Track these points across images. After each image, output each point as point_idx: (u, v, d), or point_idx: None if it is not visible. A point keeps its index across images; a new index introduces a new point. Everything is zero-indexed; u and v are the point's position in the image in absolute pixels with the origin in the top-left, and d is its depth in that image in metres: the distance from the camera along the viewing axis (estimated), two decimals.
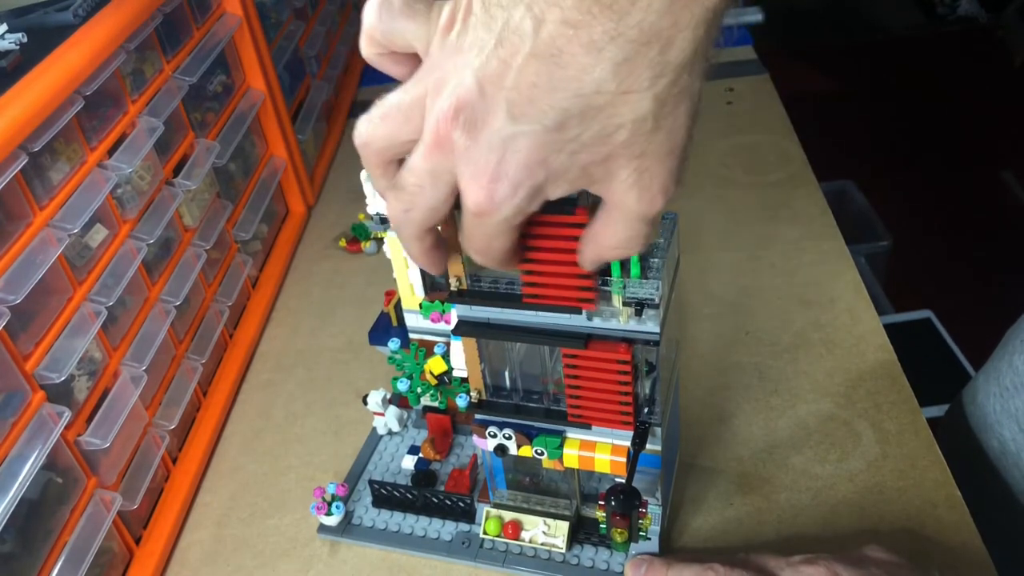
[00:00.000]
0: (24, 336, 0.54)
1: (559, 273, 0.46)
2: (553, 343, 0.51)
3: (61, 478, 0.56)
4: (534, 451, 0.55)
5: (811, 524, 0.61)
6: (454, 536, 0.62)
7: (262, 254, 0.93)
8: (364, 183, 0.62)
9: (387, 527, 0.64)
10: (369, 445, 0.71)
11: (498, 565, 0.60)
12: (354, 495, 0.66)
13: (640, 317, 0.48)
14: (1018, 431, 0.69)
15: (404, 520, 0.64)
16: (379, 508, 0.65)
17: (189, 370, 0.74)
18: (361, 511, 0.65)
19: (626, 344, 0.49)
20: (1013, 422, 0.70)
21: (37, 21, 0.64)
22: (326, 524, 0.64)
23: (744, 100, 1.14)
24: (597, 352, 0.50)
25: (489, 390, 0.56)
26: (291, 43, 1.03)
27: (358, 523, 0.64)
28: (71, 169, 0.61)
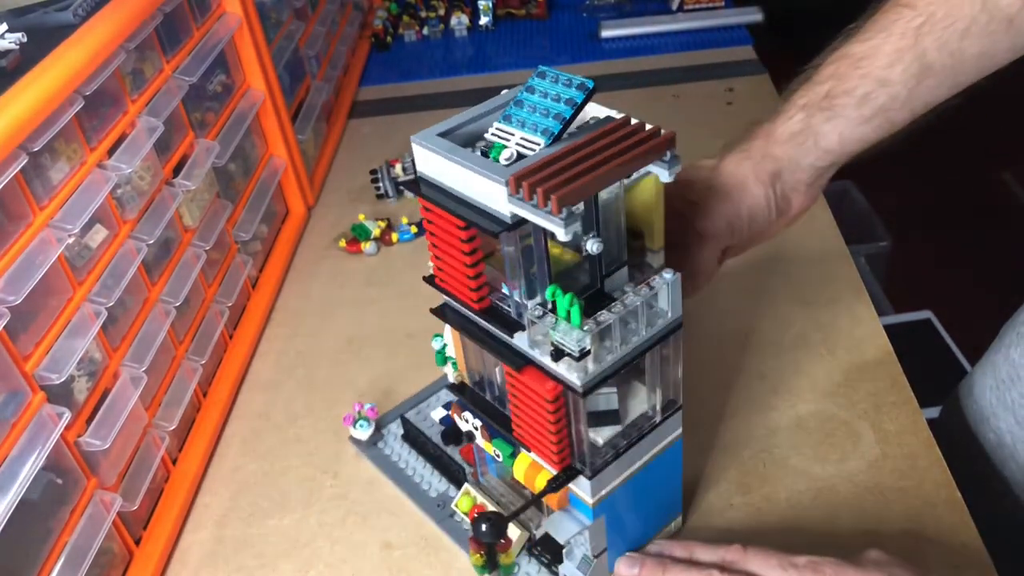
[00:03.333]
0: (24, 336, 0.54)
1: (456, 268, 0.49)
2: (497, 355, 0.51)
3: (61, 479, 0.56)
4: (494, 451, 0.57)
5: (811, 524, 0.61)
6: (439, 495, 0.66)
7: (262, 254, 0.93)
8: None
9: (399, 461, 0.70)
10: (436, 386, 0.75)
11: (451, 538, 0.63)
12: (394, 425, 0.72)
13: (555, 362, 0.47)
14: (1014, 423, 0.69)
15: (416, 461, 0.69)
16: (404, 443, 0.70)
17: (189, 370, 0.74)
18: (391, 439, 0.71)
19: (554, 383, 0.49)
20: (1009, 414, 0.70)
21: (37, 21, 0.64)
22: (355, 437, 0.70)
23: (744, 100, 1.14)
24: (529, 380, 0.49)
25: (473, 379, 0.57)
26: (291, 43, 1.03)
27: (381, 447, 0.71)
28: (71, 169, 0.60)
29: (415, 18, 1.44)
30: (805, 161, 0.63)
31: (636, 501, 0.56)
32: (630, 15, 1.38)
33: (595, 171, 0.44)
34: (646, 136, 0.47)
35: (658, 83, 1.20)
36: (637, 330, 0.49)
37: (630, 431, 0.53)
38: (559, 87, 0.49)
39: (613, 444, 0.53)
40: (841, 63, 0.61)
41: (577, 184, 0.43)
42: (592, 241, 0.48)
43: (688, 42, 1.31)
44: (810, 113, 0.62)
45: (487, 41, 1.39)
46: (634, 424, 0.54)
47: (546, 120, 0.48)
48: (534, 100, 0.49)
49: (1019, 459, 0.70)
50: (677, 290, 0.50)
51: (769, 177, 0.63)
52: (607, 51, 1.31)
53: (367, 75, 1.33)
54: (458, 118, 0.52)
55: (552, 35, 1.38)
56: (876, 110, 0.60)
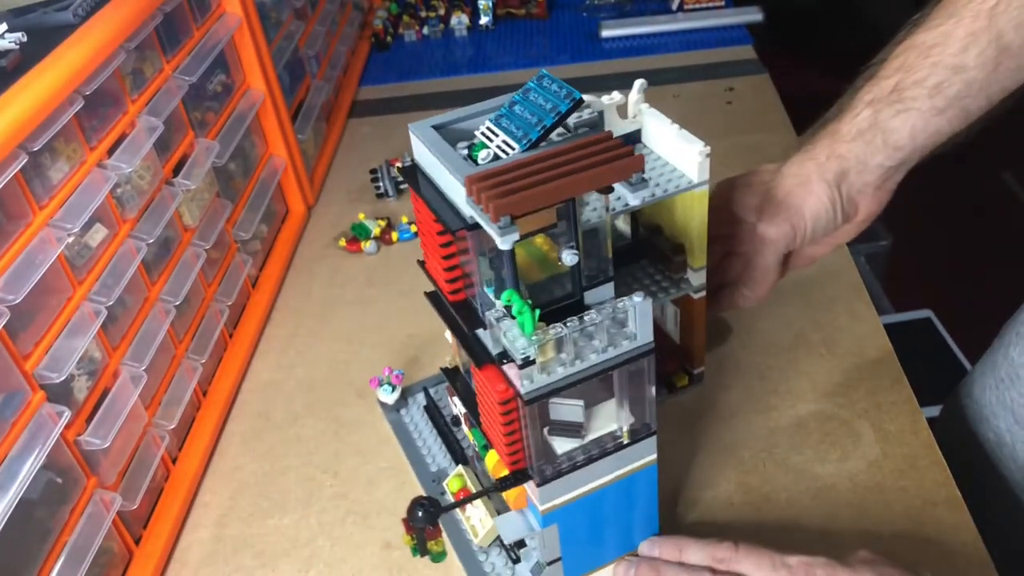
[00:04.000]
0: (24, 336, 0.54)
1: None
2: (465, 348, 0.51)
3: (61, 478, 0.56)
4: (472, 440, 0.57)
5: (811, 524, 0.61)
6: (439, 470, 0.67)
7: (262, 254, 0.93)
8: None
9: (414, 430, 0.72)
10: None
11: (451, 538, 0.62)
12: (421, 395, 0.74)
13: (501, 365, 0.47)
14: (1013, 422, 0.69)
15: (430, 434, 0.70)
16: (424, 414, 0.72)
17: (189, 370, 0.74)
18: (414, 408, 0.73)
19: (506, 385, 0.48)
20: (1009, 413, 0.70)
21: (37, 21, 0.64)
22: (381, 400, 0.73)
23: (744, 100, 1.14)
24: (487, 378, 0.49)
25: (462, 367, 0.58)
26: (291, 43, 1.03)
27: (403, 413, 0.73)
28: (71, 169, 0.60)
29: (415, 18, 1.44)
30: (873, 160, 0.60)
31: (600, 518, 0.55)
32: (630, 15, 1.38)
33: (545, 185, 0.43)
34: (616, 156, 0.45)
35: (658, 83, 1.20)
36: (598, 348, 0.48)
37: (592, 447, 0.52)
38: (551, 94, 0.49)
39: (571, 456, 0.52)
40: (909, 54, 0.58)
41: (519, 196, 0.42)
42: (568, 253, 0.48)
43: (688, 42, 1.30)
44: (878, 109, 0.59)
45: (487, 41, 1.39)
46: (599, 441, 0.52)
47: (528, 126, 0.48)
48: (526, 104, 0.49)
49: (1019, 459, 0.70)
50: (646, 315, 0.48)
51: (834, 177, 0.60)
52: (607, 51, 1.31)
53: (367, 75, 1.33)
54: (458, 112, 0.52)
55: (552, 35, 1.38)
56: (950, 100, 0.57)
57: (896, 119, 0.58)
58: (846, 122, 0.61)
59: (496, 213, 0.42)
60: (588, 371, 0.48)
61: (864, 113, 0.60)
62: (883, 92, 0.59)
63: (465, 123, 0.52)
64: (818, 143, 0.62)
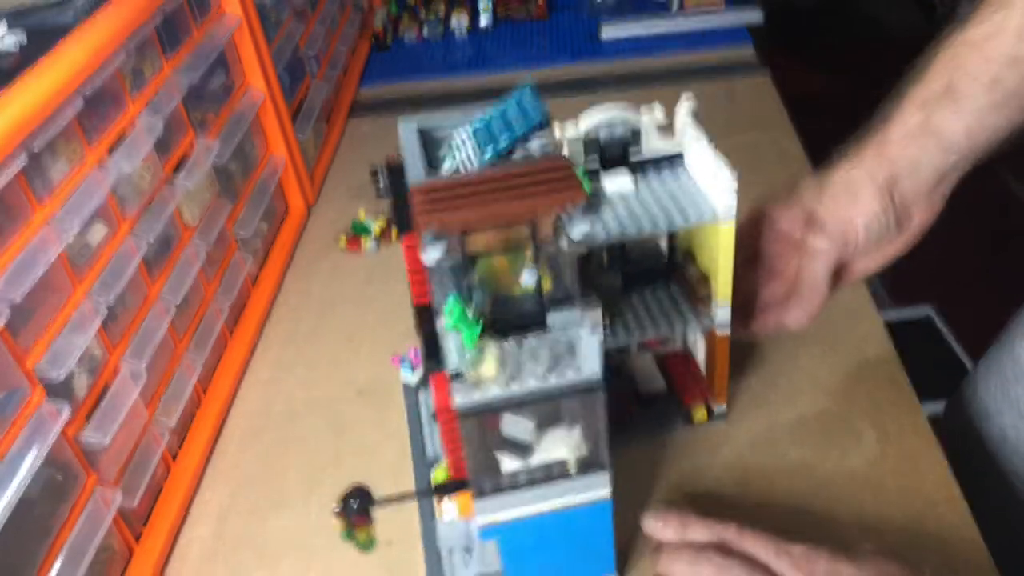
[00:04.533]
0: (24, 333, 0.54)
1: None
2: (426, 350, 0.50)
3: (61, 475, 0.56)
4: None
5: (811, 523, 0.61)
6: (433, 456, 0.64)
7: (262, 252, 0.93)
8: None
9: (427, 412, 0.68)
10: None
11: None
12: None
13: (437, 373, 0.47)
14: (1018, 419, 0.69)
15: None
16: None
17: (189, 367, 0.74)
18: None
19: (447, 394, 0.47)
20: (1014, 410, 0.70)
21: (37, 21, 0.64)
22: (403, 380, 0.72)
23: (744, 100, 1.14)
24: (438, 383, 0.48)
25: None
26: (291, 43, 1.03)
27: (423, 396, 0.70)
28: (71, 168, 0.61)
29: (415, 18, 1.44)
30: (926, 163, 0.57)
31: (547, 545, 0.54)
32: (630, 15, 1.38)
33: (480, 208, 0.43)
34: (559, 187, 0.44)
35: (658, 83, 1.20)
36: (538, 373, 0.46)
37: (538, 470, 0.51)
38: (522, 113, 0.48)
39: (515, 476, 0.51)
40: (959, 49, 0.56)
41: (448, 215, 0.42)
42: (527, 273, 0.47)
43: (688, 42, 1.31)
44: (930, 109, 0.56)
45: (487, 41, 1.39)
46: (546, 466, 0.51)
47: (492, 142, 0.47)
48: (501, 117, 0.49)
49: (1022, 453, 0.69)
50: (593, 350, 0.46)
51: (885, 183, 0.58)
52: (607, 51, 1.31)
53: (367, 75, 1.33)
54: (448, 115, 0.52)
55: (552, 35, 1.38)
56: (1008, 94, 0.55)
57: (950, 118, 0.56)
58: (896, 127, 0.58)
59: (423, 226, 0.42)
60: (526, 395, 0.46)
61: (915, 116, 0.57)
62: (934, 92, 0.56)
63: (456, 126, 0.52)
64: (866, 150, 0.59)
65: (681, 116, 0.60)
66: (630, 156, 0.61)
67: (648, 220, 0.57)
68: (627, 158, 0.61)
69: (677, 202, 0.59)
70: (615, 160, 0.61)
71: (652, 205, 0.59)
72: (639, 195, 0.60)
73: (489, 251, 0.46)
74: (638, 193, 0.60)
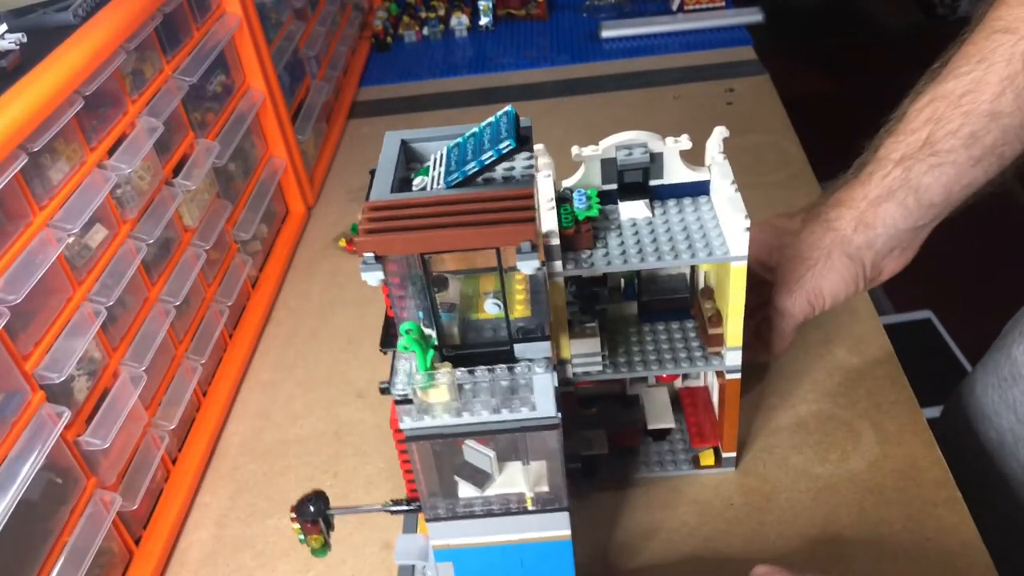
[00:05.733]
0: (24, 336, 0.54)
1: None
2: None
3: (61, 478, 0.56)
4: None
5: (811, 524, 0.61)
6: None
7: (262, 254, 0.93)
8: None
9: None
10: None
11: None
12: None
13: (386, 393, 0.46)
14: (1016, 421, 0.69)
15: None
16: None
17: (189, 370, 0.74)
18: None
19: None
20: (1011, 412, 0.70)
21: (37, 21, 0.64)
22: None
23: (744, 100, 1.14)
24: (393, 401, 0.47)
25: None
26: (291, 43, 1.03)
27: None
28: (71, 169, 0.60)
29: (415, 18, 1.44)
30: (905, 225, 0.57)
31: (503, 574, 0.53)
32: (630, 15, 1.38)
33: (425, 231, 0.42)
34: (511, 219, 0.42)
35: (658, 83, 1.20)
36: (490, 406, 0.46)
37: (496, 501, 0.50)
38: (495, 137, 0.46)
39: (471, 504, 0.50)
40: (938, 104, 0.55)
41: (388, 237, 0.42)
42: (490, 302, 0.47)
43: (688, 42, 1.30)
44: (908, 166, 0.56)
45: (487, 41, 1.39)
46: (504, 497, 0.50)
47: (461, 164, 0.46)
48: (476, 140, 0.47)
49: (1020, 457, 0.70)
50: (546, 389, 0.45)
51: (858, 251, 0.58)
52: (607, 51, 1.31)
53: (367, 75, 1.33)
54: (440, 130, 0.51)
55: (552, 35, 1.38)
56: (987, 149, 0.55)
57: (929, 175, 0.55)
58: (875, 183, 0.57)
59: (360, 248, 0.42)
60: (476, 427, 0.46)
61: (894, 172, 0.56)
62: (913, 147, 0.56)
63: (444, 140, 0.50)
64: (843, 210, 0.58)
65: (712, 146, 0.58)
66: (650, 182, 0.59)
67: (653, 252, 0.56)
68: (647, 183, 0.59)
69: (691, 236, 0.56)
70: (634, 185, 0.59)
71: (664, 236, 0.57)
72: (654, 223, 0.58)
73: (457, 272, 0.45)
74: (653, 221, 0.58)
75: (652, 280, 0.64)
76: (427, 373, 0.45)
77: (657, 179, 0.59)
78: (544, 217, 0.54)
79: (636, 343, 0.62)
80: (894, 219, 0.57)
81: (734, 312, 0.56)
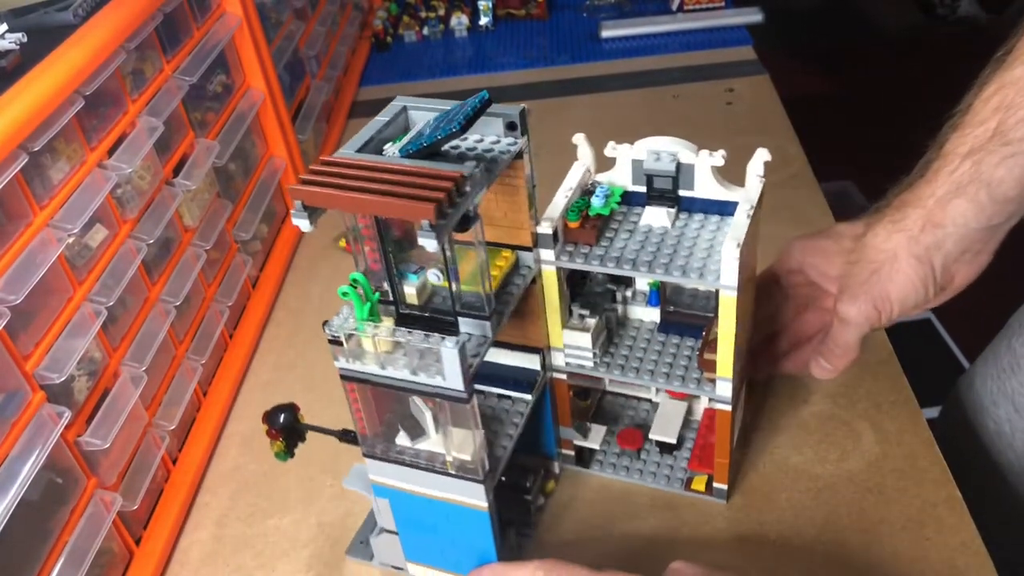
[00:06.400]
0: (24, 336, 0.54)
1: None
2: None
3: (61, 478, 0.56)
4: None
5: (811, 524, 0.61)
6: None
7: (262, 254, 0.93)
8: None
9: None
10: None
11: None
12: None
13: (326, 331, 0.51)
14: (1013, 411, 0.69)
15: None
16: None
17: (189, 370, 0.74)
18: None
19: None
20: (1009, 402, 0.70)
21: (37, 21, 0.64)
22: None
23: (744, 100, 1.14)
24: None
25: None
26: (291, 43, 1.03)
27: None
28: (71, 169, 0.60)
29: (415, 18, 1.44)
30: (977, 222, 0.53)
31: (434, 527, 0.57)
32: (630, 15, 1.38)
33: (347, 191, 0.45)
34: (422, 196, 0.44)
35: (658, 83, 1.20)
36: (413, 368, 0.49)
37: (422, 456, 0.54)
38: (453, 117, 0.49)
39: (402, 452, 0.54)
40: (1007, 91, 0.51)
41: (314, 190, 0.45)
42: (432, 272, 0.51)
43: (688, 42, 1.31)
44: (978, 159, 0.52)
45: (487, 41, 1.39)
46: (432, 455, 0.54)
47: (419, 138, 0.49)
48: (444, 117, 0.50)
49: (1017, 447, 0.70)
50: (453, 364, 0.47)
51: (927, 251, 0.54)
52: (607, 51, 1.31)
53: (367, 75, 1.33)
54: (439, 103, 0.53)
55: (552, 35, 1.38)
56: None
57: (1002, 167, 0.51)
58: (942, 181, 0.53)
59: (291, 196, 0.46)
60: (391, 381, 0.50)
61: (962, 166, 0.52)
62: (982, 139, 0.52)
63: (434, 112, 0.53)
64: (908, 209, 0.55)
65: (751, 167, 0.55)
66: (679, 190, 0.57)
67: (645, 264, 0.54)
68: (675, 192, 0.57)
69: (694, 254, 0.55)
70: (662, 192, 0.57)
71: (669, 249, 0.55)
72: (668, 234, 0.57)
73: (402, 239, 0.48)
74: (668, 232, 0.57)
75: (678, 292, 0.63)
76: (361, 322, 0.50)
77: (688, 190, 0.57)
78: (552, 205, 0.56)
79: (643, 350, 0.61)
80: (965, 217, 0.53)
81: (724, 342, 0.54)
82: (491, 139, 0.52)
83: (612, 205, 0.58)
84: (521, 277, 0.56)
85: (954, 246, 0.54)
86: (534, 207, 0.54)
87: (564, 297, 0.59)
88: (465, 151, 0.52)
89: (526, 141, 0.52)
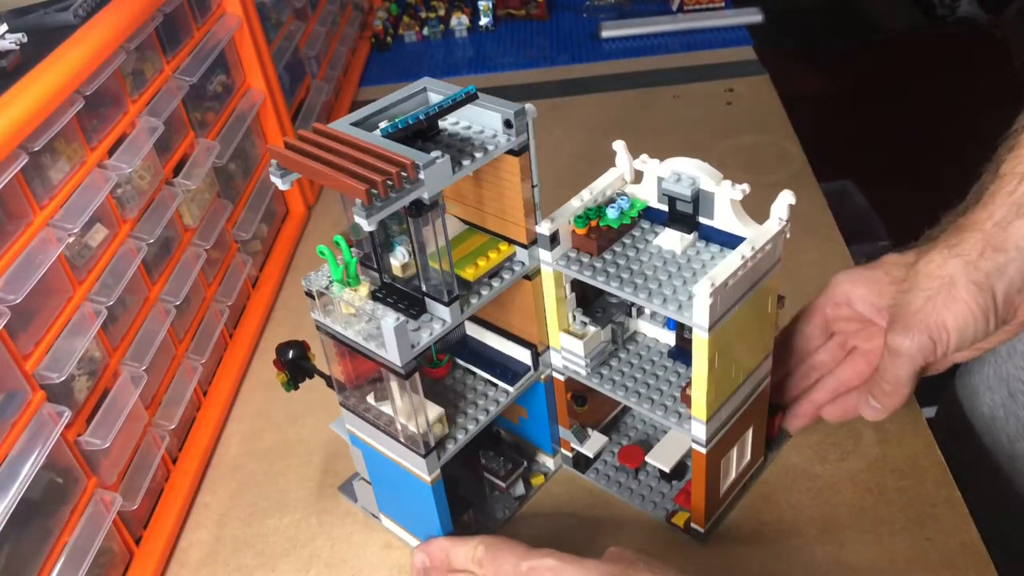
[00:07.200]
0: (24, 336, 0.54)
1: None
2: None
3: (61, 478, 0.56)
4: None
5: (811, 524, 0.61)
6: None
7: (262, 254, 0.93)
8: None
9: None
10: None
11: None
12: None
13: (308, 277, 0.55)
14: (1007, 395, 0.69)
15: None
16: None
17: (189, 370, 0.74)
18: None
19: None
20: (1004, 386, 0.70)
21: (37, 21, 0.64)
22: None
23: (744, 100, 1.14)
24: None
25: None
26: (291, 43, 1.03)
27: None
28: (71, 169, 0.61)
29: (415, 18, 1.44)
30: None
31: (394, 486, 0.60)
32: (630, 15, 1.38)
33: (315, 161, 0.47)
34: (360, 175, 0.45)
35: (658, 83, 1.20)
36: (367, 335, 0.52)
37: (378, 415, 0.57)
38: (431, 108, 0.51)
39: (368, 408, 0.57)
40: None
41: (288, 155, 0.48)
42: (400, 249, 0.54)
43: (688, 42, 1.31)
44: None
45: (487, 41, 1.39)
46: (389, 418, 0.56)
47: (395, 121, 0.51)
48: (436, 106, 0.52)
49: (1010, 431, 0.69)
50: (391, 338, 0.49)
51: (987, 277, 0.49)
52: (607, 51, 1.31)
53: (367, 75, 1.33)
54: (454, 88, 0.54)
55: (552, 35, 1.38)
56: None
57: None
58: (1000, 202, 0.49)
59: (270, 154, 0.49)
60: (349, 342, 0.53)
61: (1021, 187, 0.49)
62: None
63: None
64: (966, 234, 0.50)
65: (775, 209, 0.53)
66: (699, 216, 0.56)
67: (630, 284, 0.53)
68: (694, 217, 0.55)
69: (685, 284, 0.53)
70: (682, 215, 0.56)
71: (664, 275, 0.54)
72: (674, 259, 0.55)
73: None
74: (676, 257, 0.55)
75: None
76: (332, 281, 0.53)
77: (708, 218, 0.55)
78: (564, 207, 0.56)
79: (643, 371, 0.60)
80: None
81: (697, 383, 0.51)
82: (489, 132, 0.53)
83: (625, 219, 0.56)
84: (511, 272, 0.56)
85: (1017, 273, 0.49)
86: (535, 206, 0.54)
87: (565, 300, 0.59)
88: (459, 139, 0.53)
89: (524, 139, 0.52)
